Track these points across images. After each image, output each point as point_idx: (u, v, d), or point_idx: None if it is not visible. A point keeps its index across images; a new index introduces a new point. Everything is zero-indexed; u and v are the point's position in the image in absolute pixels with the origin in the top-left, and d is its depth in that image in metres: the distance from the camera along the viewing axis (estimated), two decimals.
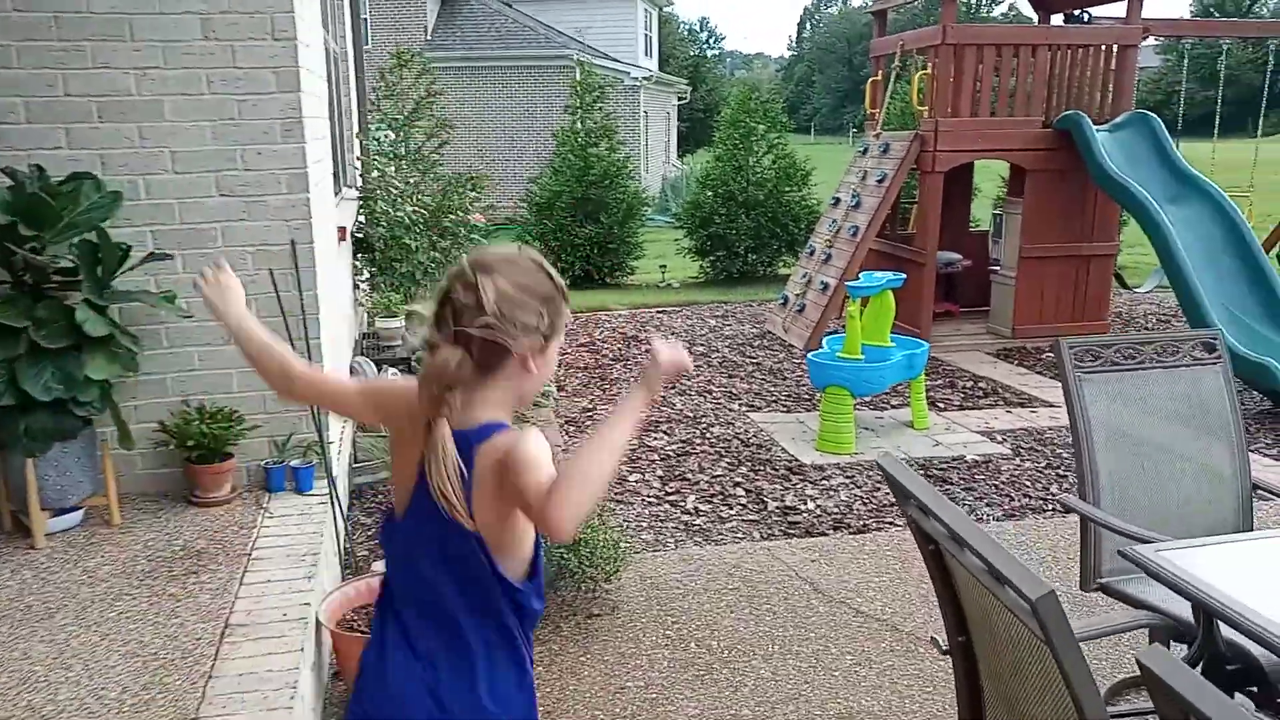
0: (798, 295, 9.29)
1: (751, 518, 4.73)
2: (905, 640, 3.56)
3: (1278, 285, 6.90)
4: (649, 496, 4.99)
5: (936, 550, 1.93)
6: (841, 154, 16.74)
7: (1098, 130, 7.92)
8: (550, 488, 1.43)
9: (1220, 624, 2.31)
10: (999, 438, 5.97)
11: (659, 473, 5.33)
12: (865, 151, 9.37)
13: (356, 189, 7.02)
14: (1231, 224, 7.20)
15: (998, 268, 9.03)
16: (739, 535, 4.52)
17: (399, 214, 6.56)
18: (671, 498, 4.97)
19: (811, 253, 9.47)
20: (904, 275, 6.28)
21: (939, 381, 7.34)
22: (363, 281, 6.87)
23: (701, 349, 8.48)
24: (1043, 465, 5.48)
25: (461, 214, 6.99)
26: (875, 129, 9.44)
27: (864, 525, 4.63)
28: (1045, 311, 8.69)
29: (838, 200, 9.46)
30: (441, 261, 6.53)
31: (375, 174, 6.97)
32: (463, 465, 1.53)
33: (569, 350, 8.31)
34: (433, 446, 1.53)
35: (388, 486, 2.56)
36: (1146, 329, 9.40)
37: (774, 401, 6.79)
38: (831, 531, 4.57)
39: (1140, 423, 3.10)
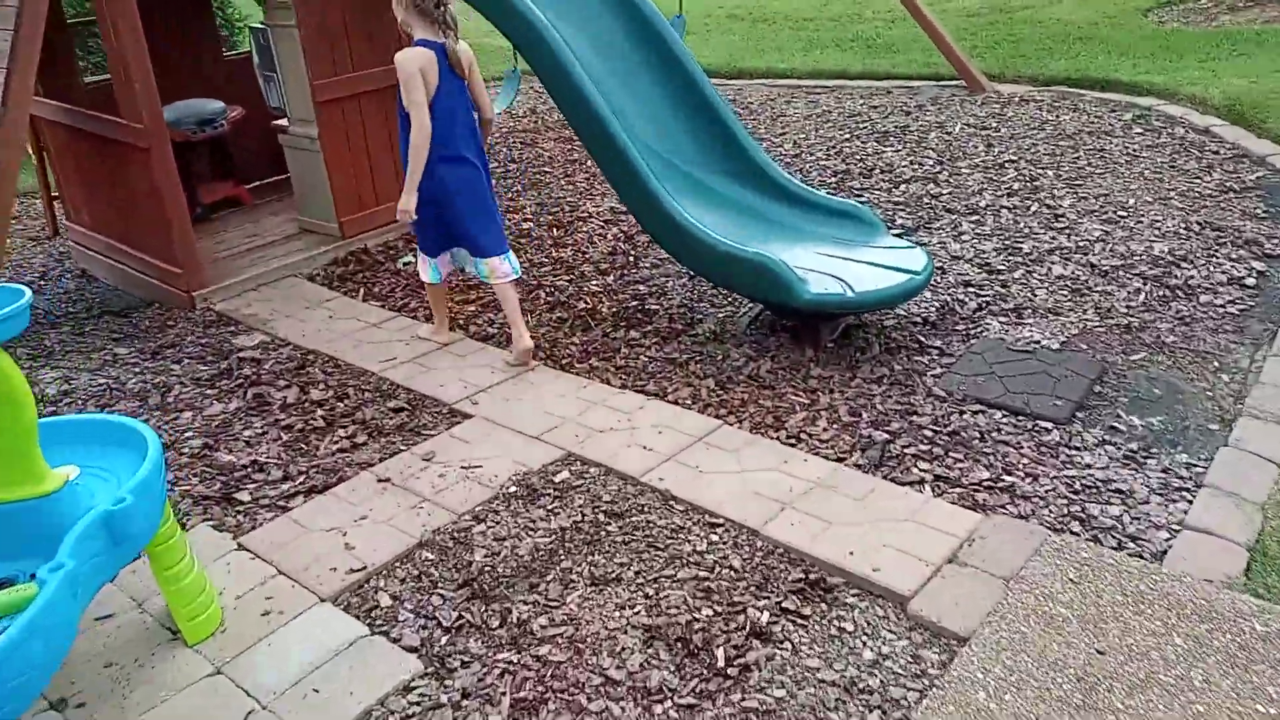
0: None
1: None
2: None
3: (730, 117, 4.34)
4: None
5: None
6: None
7: None
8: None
9: None
10: (422, 653, 2.66)
11: None
12: None
13: None
14: (657, 36, 4.39)
15: (285, 122, 5.34)
16: None
17: None
18: None
19: None
20: (25, 292, 2.37)
21: (233, 406, 3.73)
22: None
23: None
24: None
25: None
26: None
27: None
28: (380, 185, 5.34)
29: None
30: None
31: None
32: None
33: None
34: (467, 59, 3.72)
35: None
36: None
37: None
38: None
39: None
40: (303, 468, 3.33)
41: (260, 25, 5.16)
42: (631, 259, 4.93)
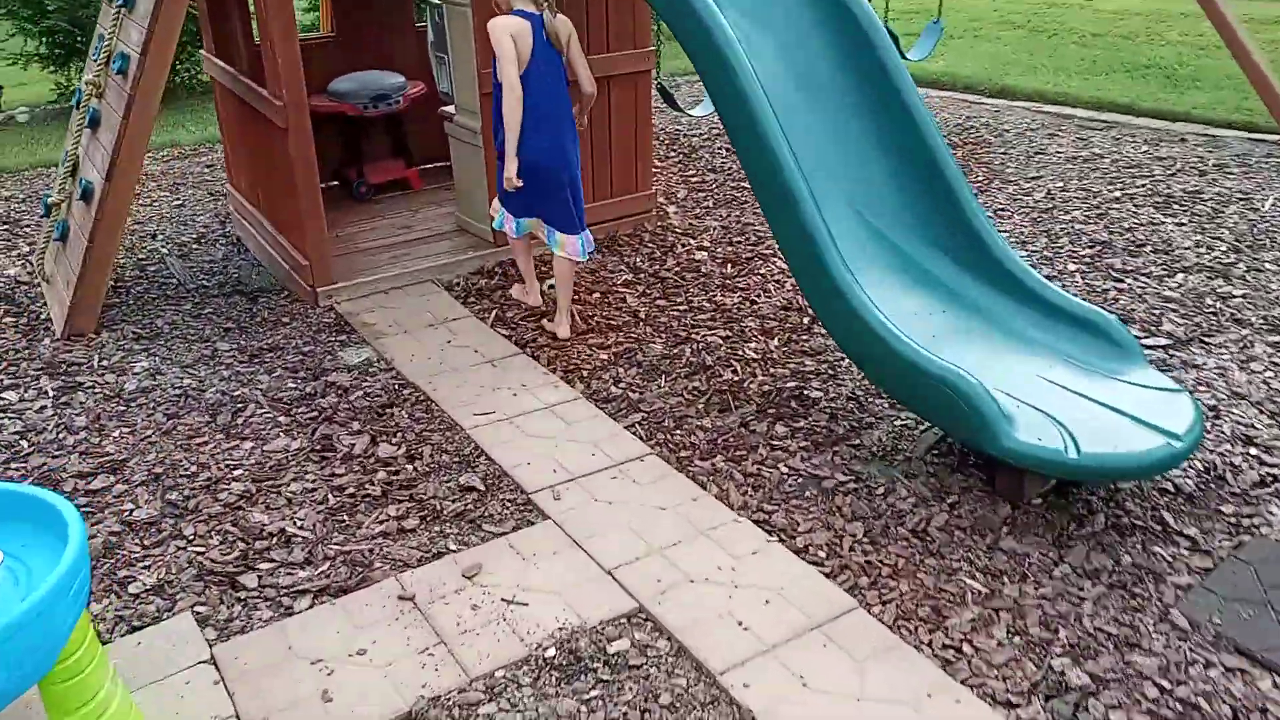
0: (65, 204, 4.52)
1: None
2: None
3: (952, 169, 3.35)
4: None
5: None
6: None
7: None
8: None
9: None
10: None
11: None
12: None
13: None
14: (871, 54, 3.47)
15: (451, 109, 4.81)
16: None
17: None
18: None
19: (80, 105, 4.61)
20: None
21: (295, 445, 3.22)
22: None
23: None
24: None
25: None
26: None
27: None
28: None
29: None
30: None
31: None
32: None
33: None
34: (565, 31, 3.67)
35: None
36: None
37: None
38: None
39: None
40: (330, 551, 2.75)
41: (439, 1, 4.62)
42: (806, 321, 4.05)
